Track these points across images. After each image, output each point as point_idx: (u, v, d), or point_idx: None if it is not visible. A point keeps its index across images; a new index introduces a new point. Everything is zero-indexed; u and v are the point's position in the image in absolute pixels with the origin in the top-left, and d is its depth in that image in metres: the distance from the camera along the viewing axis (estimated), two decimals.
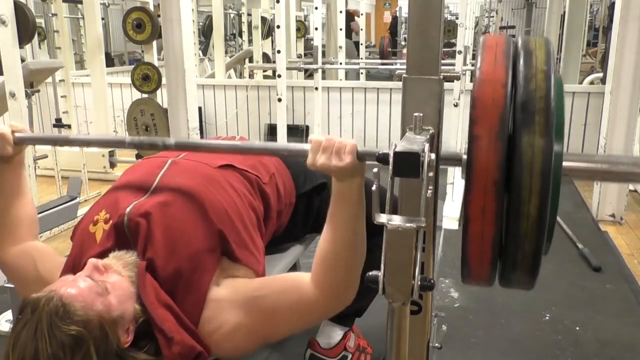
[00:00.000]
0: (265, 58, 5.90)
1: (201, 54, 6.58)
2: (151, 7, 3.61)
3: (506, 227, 0.78)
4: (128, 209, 1.16)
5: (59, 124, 4.25)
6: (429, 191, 0.74)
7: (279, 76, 3.70)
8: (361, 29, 6.78)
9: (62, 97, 4.49)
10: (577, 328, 2.01)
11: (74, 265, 1.15)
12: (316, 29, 4.47)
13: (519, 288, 0.88)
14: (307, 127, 4.94)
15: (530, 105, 0.74)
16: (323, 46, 6.27)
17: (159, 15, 2.97)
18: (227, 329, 1.10)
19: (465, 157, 0.78)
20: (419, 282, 0.78)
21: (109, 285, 1.02)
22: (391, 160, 0.72)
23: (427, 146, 0.74)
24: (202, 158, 1.34)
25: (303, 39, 6.78)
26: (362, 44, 6.60)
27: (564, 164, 0.82)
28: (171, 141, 1.20)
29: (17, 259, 1.26)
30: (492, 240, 0.78)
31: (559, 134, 0.78)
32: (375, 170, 0.82)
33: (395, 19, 9.77)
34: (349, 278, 1.10)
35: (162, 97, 3.65)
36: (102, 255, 1.13)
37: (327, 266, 1.09)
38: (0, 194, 1.30)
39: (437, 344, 1.13)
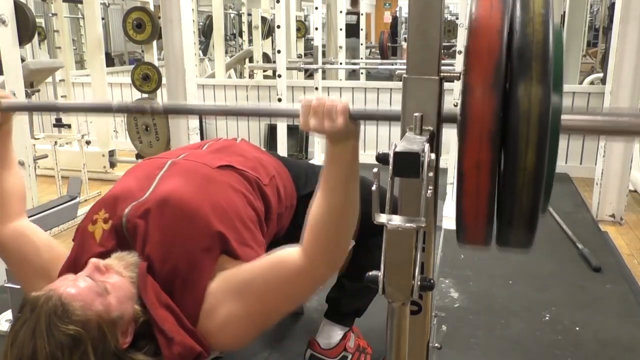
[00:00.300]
0: (265, 58, 5.90)
1: (201, 54, 6.59)
2: (151, 7, 3.61)
3: (502, 182, 0.75)
4: (126, 210, 1.17)
5: (59, 123, 4.25)
6: (429, 191, 0.73)
7: (279, 76, 3.70)
8: (361, 29, 6.77)
9: (62, 96, 4.49)
10: (577, 328, 2.01)
11: (74, 264, 1.16)
12: (316, 29, 4.47)
13: (516, 247, 0.82)
14: None
15: (527, 52, 0.71)
16: (323, 46, 6.27)
17: (159, 17, 2.97)
18: (224, 320, 1.10)
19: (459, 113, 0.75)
20: (419, 282, 0.78)
21: (109, 285, 1.02)
22: (391, 160, 0.72)
23: (427, 146, 0.74)
24: (201, 159, 1.35)
25: (303, 39, 6.79)
26: (362, 44, 6.60)
27: (564, 117, 0.78)
28: (159, 105, 1.16)
29: (14, 241, 1.24)
30: (488, 195, 0.75)
31: (558, 85, 0.75)
32: (375, 170, 0.82)
33: (395, 19, 9.77)
34: (340, 242, 1.09)
35: (162, 97, 3.66)
36: (104, 255, 1.13)
37: (317, 230, 1.07)
38: None
39: (437, 344, 1.13)
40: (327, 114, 0.96)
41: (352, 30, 6.83)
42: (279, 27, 3.58)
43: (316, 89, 4.43)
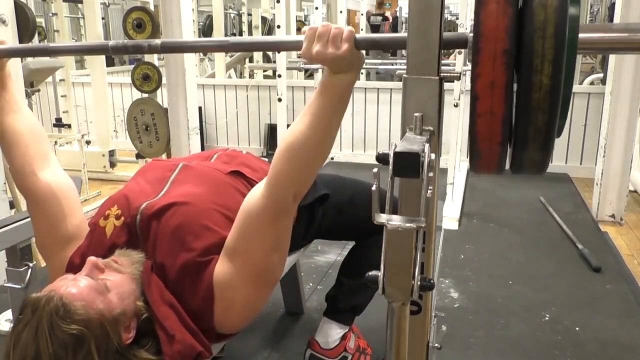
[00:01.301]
0: (266, 58, 5.90)
1: (201, 54, 6.58)
2: (151, 7, 3.61)
3: (517, 101, 0.72)
4: (141, 208, 1.18)
5: (59, 123, 4.25)
6: (429, 191, 0.73)
7: (279, 76, 3.70)
8: (361, 29, 6.77)
9: (62, 96, 4.50)
10: (577, 328, 2.01)
11: (82, 257, 1.16)
12: None
13: (531, 171, 0.80)
14: None
15: None
16: None
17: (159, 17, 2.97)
18: (232, 293, 1.11)
19: (471, 35, 0.72)
20: (419, 282, 0.78)
21: (109, 283, 1.03)
22: (391, 160, 0.72)
23: (427, 146, 0.74)
24: (212, 164, 1.37)
25: None
26: None
27: (580, 35, 0.75)
28: (157, 42, 1.09)
29: (45, 198, 1.20)
30: (503, 116, 0.72)
31: None
32: (375, 170, 0.82)
33: (395, 19, 9.76)
34: (307, 169, 1.09)
35: (162, 96, 3.66)
36: (111, 249, 1.14)
37: (289, 154, 1.06)
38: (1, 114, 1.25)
39: (437, 344, 1.12)
40: (332, 39, 0.92)
41: (376, 32, 7.00)
42: (279, 27, 3.58)
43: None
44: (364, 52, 0.99)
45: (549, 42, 0.68)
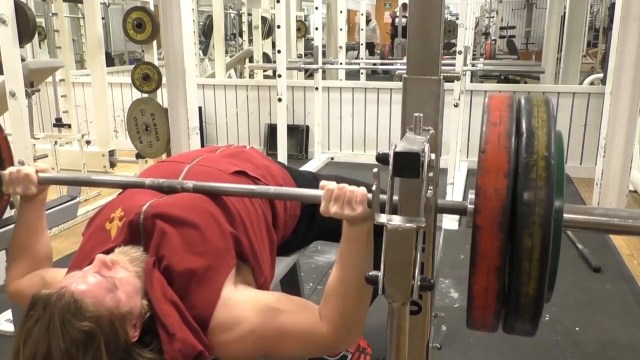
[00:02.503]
0: (266, 58, 5.90)
1: (201, 54, 6.59)
2: (151, 7, 3.61)
3: (507, 301, 0.85)
4: (145, 207, 1.18)
5: (59, 123, 4.25)
6: (429, 191, 0.73)
7: (279, 76, 3.70)
8: (362, 29, 6.78)
9: (62, 96, 4.49)
10: (577, 328, 2.01)
11: (83, 261, 1.16)
12: (316, 29, 4.47)
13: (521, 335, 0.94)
14: (307, 127, 4.94)
15: (531, 198, 0.79)
16: (323, 46, 6.27)
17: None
18: (240, 332, 1.10)
19: (470, 206, 0.83)
20: (419, 282, 0.78)
21: (117, 281, 1.03)
22: (391, 160, 0.72)
23: (427, 146, 0.74)
24: (215, 164, 1.37)
25: (303, 39, 6.79)
26: (362, 44, 6.60)
27: (565, 216, 0.92)
28: (189, 185, 1.23)
29: (25, 283, 1.27)
30: (495, 311, 0.85)
31: (560, 191, 0.84)
32: (375, 170, 0.82)
33: (395, 19, 9.78)
34: (355, 314, 1.13)
35: (162, 96, 3.65)
36: (109, 250, 1.13)
37: (334, 302, 1.11)
38: (22, 231, 1.33)
39: (436, 344, 1.12)
40: (348, 202, 1.04)
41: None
42: (279, 27, 3.59)
43: (316, 88, 4.44)
44: None
45: (535, 264, 0.80)
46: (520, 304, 0.83)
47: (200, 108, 4.70)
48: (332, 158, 4.81)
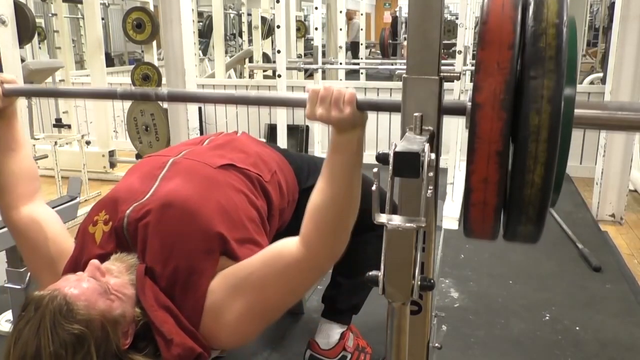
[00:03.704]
0: (265, 58, 5.90)
1: (201, 54, 6.59)
2: (151, 7, 3.61)
3: (510, 194, 0.76)
4: (127, 212, 1.16)
5: (59, 123, 4.25)
6: (429, 191, 0.73)
7: (279, 76, 3.70)
8: (361, 29, 6.78)
9: None
10: (577, 328, 2.01)
11: (75, 265, 1.16)
12: (316, 29, 4.47)
13: (523, 242, 0.84)
14: (307, 127, 4.94)
15: (539, 70, 0.69)
16: (323, 46, 6.27)
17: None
18: (226, 317, 1.10)
19: (469, 104, 0.75)
20: (419, 282, 0.78)
21: (111, 286, 1.03)
22: (391, 160, 0.72)
23: (427, 146, 0.74)
24: (202, 157, 1.34)
25: (303, 39, 6.79)
26: (361, 44, 6.60)
27: (576, 112, 0.78)
28: (163, 92, 1.13)
29: (26, 227, 1.24)
30: (495, 207, 0.76)
31: (571, 77, 0.74)
32: (375, 170, 0.82)
33: (395, 19, 9.76)
34: (340, 232, 1.08)
35: None
36: (104, 257, 1.13)
37: (318, 219, 1.06)
38: None
39: (437, 344, 1.12)
40: (335, 103, 0.94)
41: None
42: (278, 27, 3.58)
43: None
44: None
45: (542, 145, 0.71)
46: (525, 197, 0.74)
47: (200, 108, 4.70)
48: None
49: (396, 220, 0.74)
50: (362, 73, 5.70)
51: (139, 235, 1.14)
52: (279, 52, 3.58)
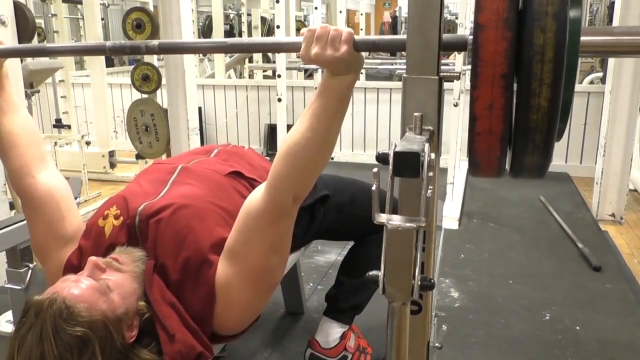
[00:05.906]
0: (265, 58, 5.90)
1: (200, 55, 6.58)
2: (151, 8, 3.61)
3: (515, 120, 0.74)
4: (140, 209, 1.18)
5: (59, 124, 4.25)
6: (429, 191, 0.73)
7: (279, 76, 3.70)
8: (361, 29, 6.77)
9: (62, 97, 4.50)
10: (577, 328, 2.01)
11: (80, 258, 1.16)
12: None
13: (529, 177, 0.82)
14: None
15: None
16: None
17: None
18: (233, 298, 1.11)
19: (470, 38, 0.72)
20: (419, 282, 0.78)
21: (111, 283, 1.03)
22: (391, 160, 0.72)
23: (427, 146, 0.74)
24: (211, 165, 1.37)
25: None
26: None
27: (582, 38, 0.75)
28: (154, 43, 1.09)
29: (42, 200, 1.20)
30: (501, 135, 0.73)
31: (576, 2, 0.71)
32: (375, 170, 0.82)
33: (394, 18, 9.76)
34: (307, 175, 1.08)
35: (162, 97, 3.65)
36: (110, 249, 1.14)
37: (289, 159, 1.05)
38: None
39: (437, 344, 1.12)
40: (331, 41, 0.91)
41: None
42: (278, 27, 3.58)
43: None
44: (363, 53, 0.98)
45: (548, 66, 0.68)
46: (531, 122, 0.70)
47: (200, 108, 4.69)
48: (332, 158, 4.81)
49: (396, 220, 0.74)
50: (362, 73, 5.69)
51: (149, 231, 1.15)
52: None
